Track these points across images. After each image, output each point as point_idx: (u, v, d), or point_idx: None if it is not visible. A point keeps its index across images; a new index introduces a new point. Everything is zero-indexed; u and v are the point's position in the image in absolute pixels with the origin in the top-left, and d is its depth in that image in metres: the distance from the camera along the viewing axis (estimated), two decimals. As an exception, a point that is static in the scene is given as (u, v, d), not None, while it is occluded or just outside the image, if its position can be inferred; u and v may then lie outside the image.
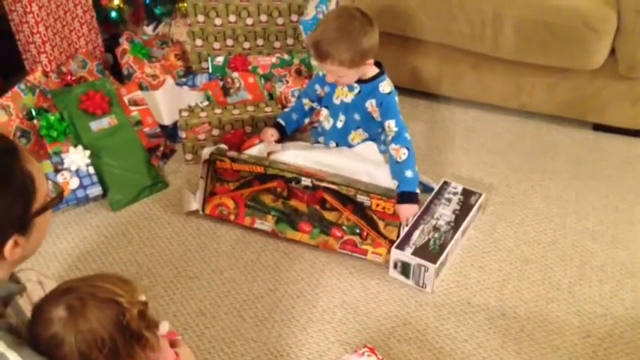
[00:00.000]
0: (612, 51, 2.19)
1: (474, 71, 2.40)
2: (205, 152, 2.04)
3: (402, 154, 1.92)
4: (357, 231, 1.94)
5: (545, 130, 2.44)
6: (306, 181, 1.96)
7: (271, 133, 2.09)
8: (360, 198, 1.93)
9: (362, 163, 2.01)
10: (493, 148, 2.36)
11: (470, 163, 2.28)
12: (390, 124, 1.95)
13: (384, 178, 1.96)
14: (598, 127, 2.42)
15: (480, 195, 1.99)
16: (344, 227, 1.96)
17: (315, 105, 2.13)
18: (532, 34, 2.19)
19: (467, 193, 2.00)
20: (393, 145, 1.93)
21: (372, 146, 2.06)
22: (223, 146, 2.09)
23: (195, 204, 2.03)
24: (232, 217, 2.01)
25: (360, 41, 1.85)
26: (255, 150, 2.09)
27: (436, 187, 2.03)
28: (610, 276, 1.87)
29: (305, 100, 2.13)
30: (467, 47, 2.32)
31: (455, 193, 2.00)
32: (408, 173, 1.90)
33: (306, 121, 2.18)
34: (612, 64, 2.21)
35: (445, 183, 2.03)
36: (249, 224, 1.99)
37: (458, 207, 1.95)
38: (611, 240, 1.99)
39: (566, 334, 1.72)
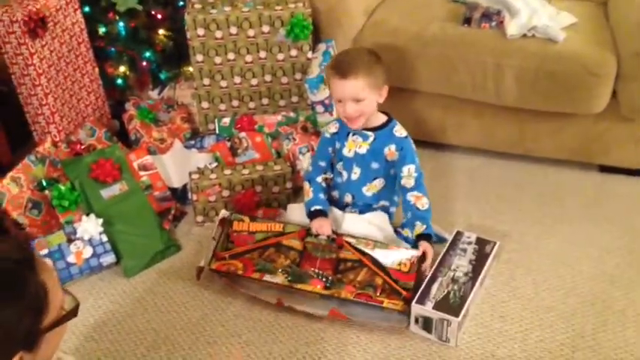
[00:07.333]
0: (614, 94, 2.22)
1: (477, 119, 2.43)
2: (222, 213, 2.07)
3: (424, 203, 1.96)
4: (370, 289, 1.91)
5: (551, 175, 2.45)
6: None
7: (321, 224, 1.99)
8: (378, 253, 1.93)
9: (375, 233, 2.01)
10: (501, 195, 2.36)
11: (479, 211, 2.29)
12: (410, 169, 1.97)
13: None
14: (604, 169, 2.44)
15: (495, 243, 1.99)
16: (356, 286, 1.92)
17: (328, 174, 2.12)
18: (534, 82, 2.23)
19: (481, 242, 1.99)
20: (414, 193, 1.96)
21: (383, 216, 2.07)
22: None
23: (202, 261, 1.99)
24: (240, 272, 1.95)
25: (377, 66, 1.91)
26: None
27: (449, 238, 2.03)
28: (632, 320, 1.86)
29: (319, 178, 2.09)
30: (469, 97, 2.35)
31: (469, 243, 1.99)
32: (430, 221, 1.97)
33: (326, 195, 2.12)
34: (614, 106, 2.24)
35: (458, 233, 2.03)
36: (259, 277, 1.93)
37: (474, 257, 1.94)
38: (629, 283, 1.98)
39: (595, 383, 1.70)
